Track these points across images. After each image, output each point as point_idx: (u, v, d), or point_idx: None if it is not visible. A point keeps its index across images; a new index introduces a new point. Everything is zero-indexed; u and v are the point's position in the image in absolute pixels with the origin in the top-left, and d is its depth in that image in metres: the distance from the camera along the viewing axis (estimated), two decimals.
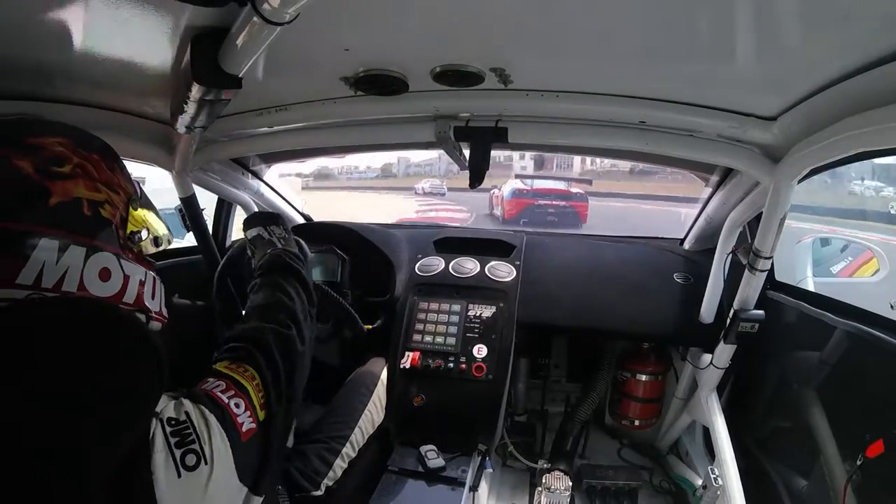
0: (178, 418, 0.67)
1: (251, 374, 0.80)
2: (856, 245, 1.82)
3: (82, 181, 0.71)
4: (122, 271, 0.74)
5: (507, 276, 1.84)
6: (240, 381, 0.77)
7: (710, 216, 1.77)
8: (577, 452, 2.01)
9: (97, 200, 0.72)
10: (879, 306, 1.30)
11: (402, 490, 1.44)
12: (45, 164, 0.68)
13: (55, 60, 0.93)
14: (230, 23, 0.76)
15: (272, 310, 0.96)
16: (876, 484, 1.11)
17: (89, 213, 0.71)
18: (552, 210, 11.16)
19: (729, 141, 1.20)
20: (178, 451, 0.64)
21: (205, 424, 0.68)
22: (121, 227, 0.76)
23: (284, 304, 0.99)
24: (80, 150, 0.73)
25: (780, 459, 1.53)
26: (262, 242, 1.22)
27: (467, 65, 0.98)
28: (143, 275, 0.79)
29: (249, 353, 0.83)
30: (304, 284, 1.07)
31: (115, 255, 0.74)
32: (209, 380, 0.77)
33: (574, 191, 11.95)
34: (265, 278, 1.07)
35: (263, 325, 0.90)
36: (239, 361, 0.81)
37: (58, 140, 0.71)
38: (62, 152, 0.70)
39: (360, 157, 19.24)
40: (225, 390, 0.75)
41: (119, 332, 0.65)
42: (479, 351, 1.67)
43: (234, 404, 0.74)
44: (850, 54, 0.78)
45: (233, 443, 0.70)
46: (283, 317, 0.95)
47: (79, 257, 0.68)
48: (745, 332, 1.43)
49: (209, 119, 1.07)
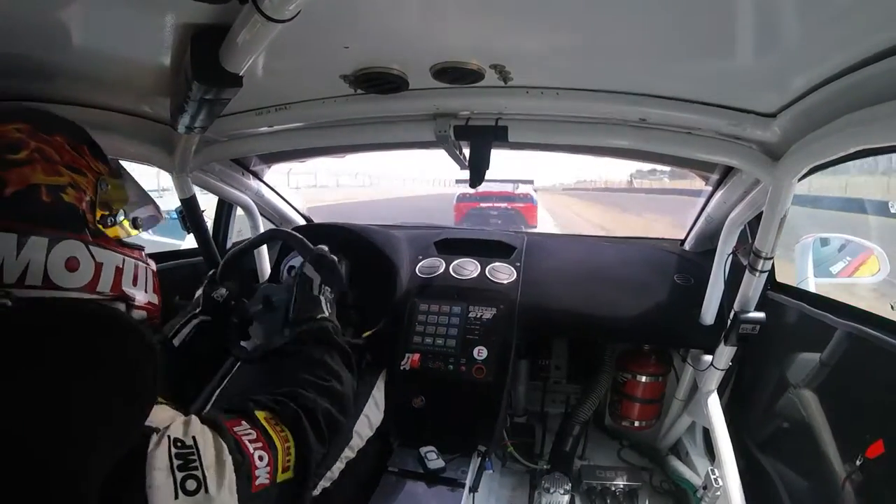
0: (184, 441, 0.65)
1: (286, 436, 0.78)
2: (854, 245, 1.81)
3: (40, 165, 0.68)
4: (93, 259, 0.71)
5: (508, 277, 1.84)
6: (272, 438, 0.75)
7: (710, 216, 1.77)
8: (578, 453, 2.01)
9: (58, 185, 0.69)
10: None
11: (402, 491, 1.43)
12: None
13: (55, 60, 0.93)
14: (230, 21, 0.76)
15: (330, 392, 0.93)
16: (876, 484, 1.11)
17: (48, 200, 0.68)
18: (494, 212, 11.58)
19: (728, 139, 1.19)
20: (179, 474, 0.62)
21: (216, 458, 0.67)
22: (89, 212, 0.73)
23: (337, 392, 0.95)
24: (40, 133, 0.70)
25: (781, 460, 1.52)
26: (308, 294, 1.17)
27: (467, 62, 0.98)
28: (121, 260, 0.76)
29: (297, 420, 0.81)
30: (350, 366, 1.05)
31: (83, 242, 0.71)
32: (242, 423, 0.75)
33: (519, 192, 12.11)
34: (313, 352, 1.02)
35: (319, 402, 0.87)
36: (280, 420, 0.79)
37: (16, 126, 0.68)
38: (19, 138, 0.67)
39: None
40: (254, 440, 0.73)
41: (114, 333, 0.63)
42: (480, 353, 1.67)
43: (258, 456, 0.72)
44: (849, 49, 0.78)
45: (241, 490, 0.68)
46: (338, 402, 0.92)
47: (40, 249, 0.66)
48: (746, 334, 1.42)
49: (209, 119, 1.07)
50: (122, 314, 0.71)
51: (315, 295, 1.18)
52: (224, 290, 1.36)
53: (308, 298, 1.17)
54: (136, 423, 0.61)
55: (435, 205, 13.72)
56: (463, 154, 1.40)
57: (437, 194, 19.84)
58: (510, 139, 1.29)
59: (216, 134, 1.48)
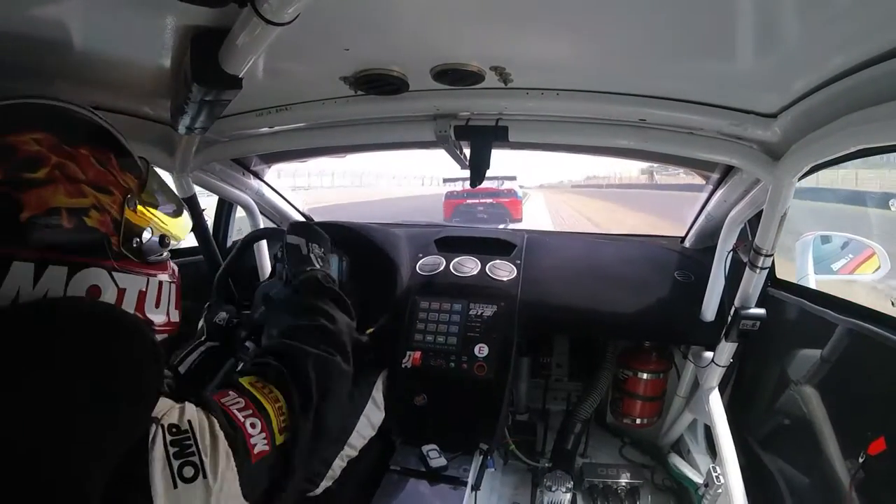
0: (179, 426, 0.62)
1: (275, 395, 0.74)
2: (856, 242, 1.82)
3: (62, 186, 0.62)
4: (116, 285, 0.68)
5: (508, 275, 1.84)
6: (260, 402, 0.71)
7: (710, 214, 1.77)
8: (579, 451, 2.01)
9: (80, 207, 0.64)
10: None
11: (405, 489, 1.44)
12: (15, 170, 0.60)
13: (56, 62, 0.93)
14: (230, 23, 0.76)
15: (314, 334, 0.90)
16: (878, 481, 1.11)
17: (69, 225, 0.63)
18: (481, 208, 12.45)
19: (729, 138, 1.19)
20: (175, 462, 0.59)
21: (210, 438, 0.63)
22: (114, 234, 0.68)
23: (327, 329, 0.92)
24: (62, 146, 0.64)
25: (782, 457, 1.53)
26: (298, 256, 1.17)
27: (467, 64, 0.98)
28: (145, 283, 0.73)
29: (280, 375, 0.77)
30: (346, 309, 1.02)
31: (106, 269, 0.67)
32: (229, 393, 0.71)
33: (504, 188, 12.98)
34: (304, 299, 1.01)
35: (304, 348, 0.83)
36: (265, 381, 0.75)
37: (35, 136, 0.62)
38: (38, 153, 0.62)
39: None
40: (243, 408, 0.69)
41: (118, 334, 0.61)
42: (481, 350, 1.67)
43: (251, 424, 0.68)
44: (850, 51, 0.78)
45: (239, 464, 0.65)
46: (326, 342, 0.88)
47: (59, 279, 0.62)
48: (747, 330, 1.43)
49: (209, 120, 1.07)
50: (124, 313, 0.68)
51: (305, 255, 1.18)
52: (224, 313, 1.36)
53: (298, 260, 1.17)
54: (141, 423, 0.60)
55: (430, 204, 13.93)
56: (463, 154, 1.40)
57: (431, 194, 19.97)
58: (510, 139, 1.29)
59: (217, 134, 1.48)
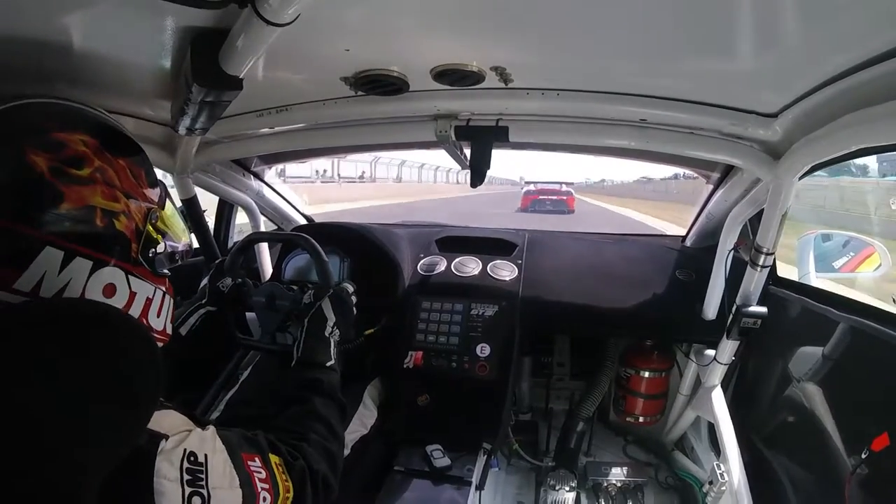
0: (196, 455, 0.66)
1: (289, 487, 0.78)
2: (857, 241, 1.82)
3: (100, 188, 0.67)
4: (129, 288, 0.71)
5: (509, 274, 1.84)
6: (278, 485, 0.76)
7: (711, 213, 1.77)
8: (582, 450, 2.01)
9: (113, 211, 0.69)
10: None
11: (409, 489, 1.43)
12: (62, 164, 0.64)
13: (56, 63, 0.92)
14: (230, 24, 0.76)
15: (330, 456, 0.91)
16: (882, 477, 1.11)
17: (102, 225, 0.67)
18: (549, 202, 19.02)
19: (730, 138, 1.19)
20: (188, 489, 0.63)
21: (226, 484, 0.68)
22: (135, 241, 0.73)
23: (336, 456, 0.94)
24: (105, 152, 0.69)
25: (786, 454, 1.52)
26: (320, 335, 1.14)
27: (468, 64, 0.98)
28: (152, 291, 0.76)
29: (302, 479, 0.81)
30: (343, 425, 1.04)
31: (124, 271, 0.71)
32: (257, 459, 0.75)
33: (563, 189, 19.91)
34: (324, 406, 1.00)
35: (322, 466, 0.87)
36: (289, 473, 0.79)
37: (83, 138, 0.67)
38: (84, 153, 0.67)
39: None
40: (263, 480, 0.74)
41: (119, 335, 0.60)
42: (483, 350, 1.67)
43: (263, 497, 0.73)
44: (850, 50, 0.78)
45: None
46: (335, 469, 0.91)
47: (83, 270, 0.65)
48: (748, 328, 1.43)
49: (210, 121, 1.07)
50: (119, 311, 0.67)
51: (326, 337, 1.15)
52: (229, 280, 1.36)
53: (318, 339, 1.14)
54: (136, 429, 0.59)
55: (505, 200, 19.57)
56: (464, 154, 1.40)
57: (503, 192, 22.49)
58: (511, 139, 1.29)
59: (217, 135, 1.48)
